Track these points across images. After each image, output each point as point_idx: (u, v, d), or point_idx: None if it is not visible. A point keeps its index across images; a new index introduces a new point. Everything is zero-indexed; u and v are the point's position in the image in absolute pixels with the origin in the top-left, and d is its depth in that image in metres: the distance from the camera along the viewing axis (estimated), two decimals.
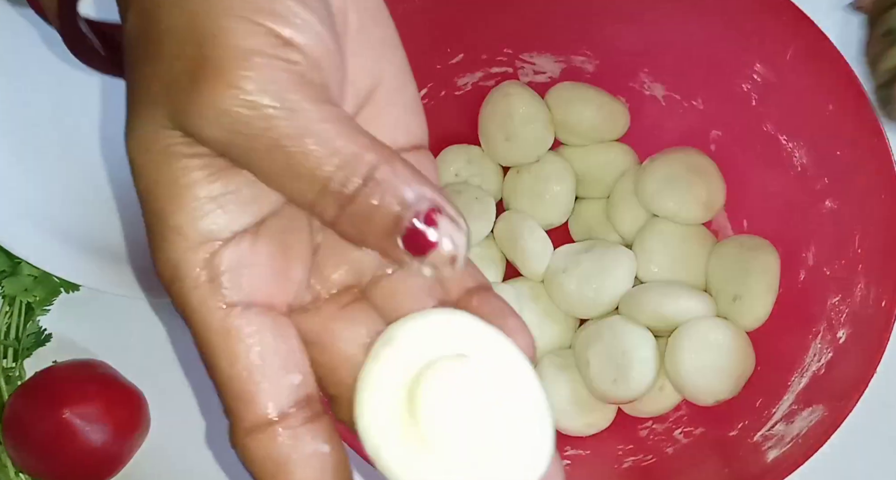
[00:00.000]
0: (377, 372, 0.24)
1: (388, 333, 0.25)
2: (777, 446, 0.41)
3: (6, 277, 0.49)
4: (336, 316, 0.25)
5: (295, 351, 0.24)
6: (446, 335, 0.25)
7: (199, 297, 0.23)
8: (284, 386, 0.23)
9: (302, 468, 0.23)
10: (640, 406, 0.46)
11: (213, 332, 0.24)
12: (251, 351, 0.23)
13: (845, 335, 0.41)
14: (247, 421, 0.24)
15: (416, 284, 0.26)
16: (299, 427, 0.23)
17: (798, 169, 0.45)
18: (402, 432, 0.23)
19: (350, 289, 0.26)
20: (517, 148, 0.48)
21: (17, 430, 0.46)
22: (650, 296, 0.45)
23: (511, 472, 0.24)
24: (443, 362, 0.24)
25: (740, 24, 0.43)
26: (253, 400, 0.23)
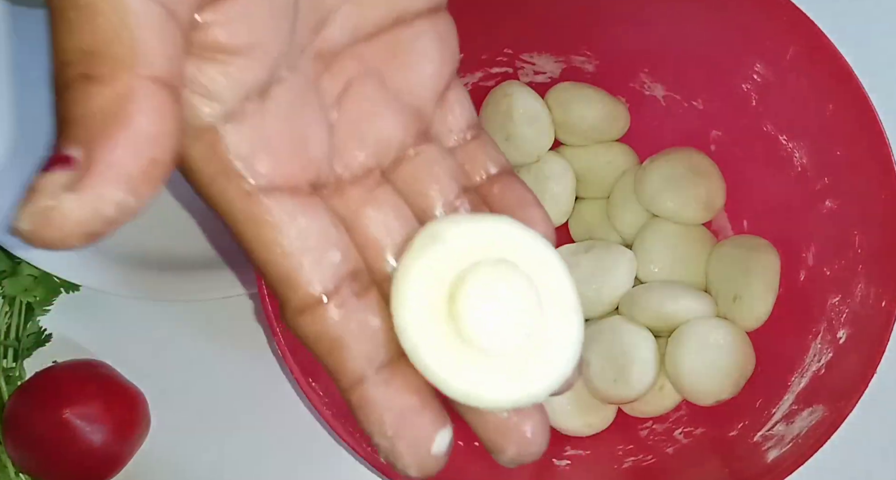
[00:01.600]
0: (419, 269, 0.24)
1: (433, 230, 0.25)
2: (777, 446, 0.41)
3: (6, 277, 0.49)
4: (363, 200, 0.25)
5: (329, 229, 0.24)
6: (490, 239, 0.25)
7: (217, 190, 0.23)
8: (326, 265, 0.23)
9: (355, 342, 0.24)
10: (640, 407, 0.46)
11: (240, 222, 0.23)
12: (284, 235, 0.23)
13: (845, 335, 0.41)
14: (294, 302, 0.23)
15: (440, 168, 0.26)
16: (348, 302, 0.24)
17: (798, 169, 0.45)
18: (441, 331, 0.24)
19: (372, 172, 0.26)
20: (517, 148, 0.48)
21: (17, 430, 0.46)
22: (650, 296, 0.45)
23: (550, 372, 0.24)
24: (486, 265, 0.24)
25: (740, 24, 0.43)
26: (296, 281, 0.23)
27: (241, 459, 0.50)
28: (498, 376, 0.24)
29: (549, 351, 0.24)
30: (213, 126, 0.22)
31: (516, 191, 0.27)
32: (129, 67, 0.19)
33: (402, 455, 0.24)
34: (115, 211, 0.19)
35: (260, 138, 0.23)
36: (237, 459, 0.50)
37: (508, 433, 0.25)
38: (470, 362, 0.24)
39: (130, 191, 0.19)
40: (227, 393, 0.51)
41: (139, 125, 0.19)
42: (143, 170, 0.19)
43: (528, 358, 0.24)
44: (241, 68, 0.22)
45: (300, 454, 0.50)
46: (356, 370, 0.24)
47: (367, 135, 0.26)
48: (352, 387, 0.24)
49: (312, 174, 0.24)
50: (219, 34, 0.22)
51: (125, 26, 0.19)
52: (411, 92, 0.27)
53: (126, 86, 0.19)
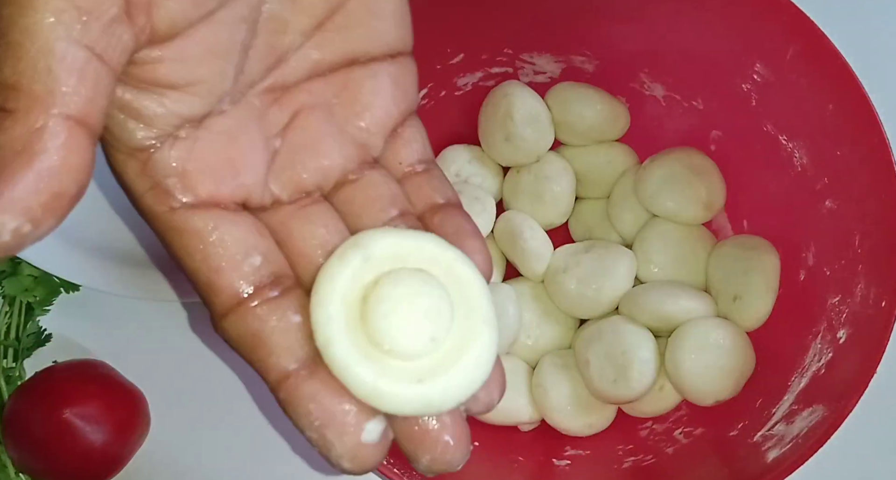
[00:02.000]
0: (339, 270, 0.25)
1: (358, 238, 0.26)
2: (777, 446, 0.41)
3: (6, 277, 0.49)
4: (295, 215, 0.26)
5: (250, 235, 0.25)
6: (413, 251, 0.26)
7: (147, 203, 0.25)
8: (246, 268, 0.25)
9: (277, 337, 0.24)
10: (640, 406, 0.46)
11: (167, 232, 0.25)
12: (204, 243, 0.24)
13: (845, 335, 0.41)
14: (218, 306, 0.25)
15: (380, 193, 0.27)
16: (268, 301, 0.25)
17: (798, 169, 0.45)
18: (353, 332, 0.24)
19: (311, 195, 0.27)
20: (517, 148, 0.48)
21: (17, 430, 0.46)
22: (650, 296, 0.45)
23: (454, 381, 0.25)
24: (402, 271, 0.25)
25: (740, 24, 0.43)
26: (217, 285, 0.25)
27: (241, 459, 0.50)
28: (402, 380, 0.24)
29: (459, 362, 0.25)
30: (145, 146, 0.24)
31: (456, 221, 0.28)
32: (44, 105, 0.20)
33: (333, 444, 0.24)
34: (12, 237, 0.20)
35: (190, 161, 0.24)
36: (237, 459, 0.50)
37: (423, 441, 0.25)
38: (376, 364, 0.24)
39: (30, 220, 0.20)
40: (227, 393, 0.51)
41: (44, 161, 0.20)
42: (43, 202, 0.20)
43: (435, 367, 0.25)
44: (177, 101, 0.24)
45: (300, 454, 0.50)
46: (280, 365, 0.24)
47: (308, 160, 0.27)
48: (278, 383, 0.24)
49: (241, 197, 0.25)
50: (158, 71, 0.23)
51: (46, 66, 0.20)
52: (358, 126, 0.28)
53: (38, 123, 0.20)
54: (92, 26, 0.21)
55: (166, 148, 0.24)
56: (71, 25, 0.20)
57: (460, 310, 0.25)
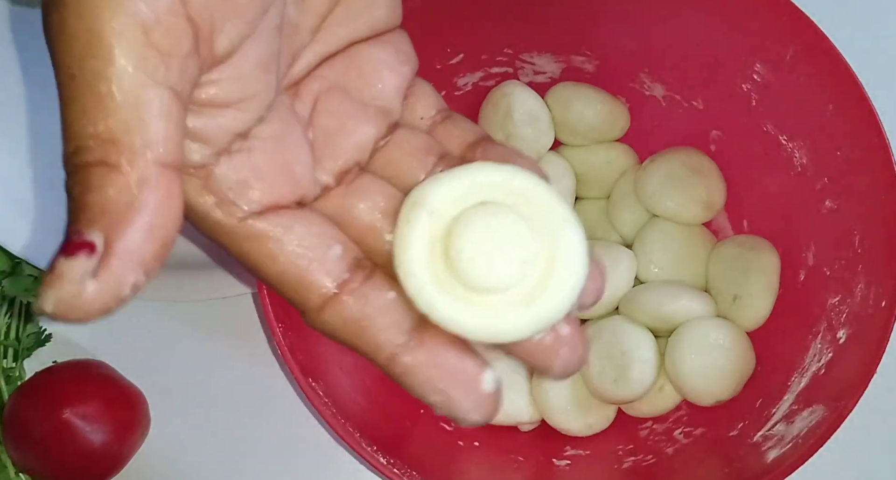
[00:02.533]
0: (410, 234, 0.25)
1: (414, 196, 0.26)
2: (777, 446, 0.41)
3: (6, 277, 0.49)
4: (347, 193, 0.27)
5: (323, 227, 0.25)
6: (469, 187, 0.26)
7: (214, 220, 0.24)
8: (330, 260, 0.25)
9: (380, 317, 0.25)
10: (640, 407, 0.46)
11: (241, 243, 0.25)
12: (285, 245, 0.25)
13: (845, 335, 0.41)
14: (313, 302, 0.25)
15: (413, 146, 0.28)
16: (360, 287, 0.25)
17: (798, 169, 0.45)
18: (448, 284, 0.25)
19: (351, 170, 0.27)
20: (517, 148, 0.48)
21: (17, 430, 0.46)
22: (650, 296, 0.45)
23: (559, 293, 0.25)
24: (468, 211, 0.25)
25: (740, 24, 0.43)
26: (309, 283, 0.25)
27: (241, 459, 0.50)
28: (513, 309, 0.25)
29: (555, 271, 0.25)
30: (203, 164, 0.24)
31: (497, 149, 0.28)
32: (143, 156, 0.21)
33: (459, 402, 0.25)
34: (131, 291, 0.21)
35: (248, 170, 0.24)
36: (237, 459, 0.50)
37: (552, 352, 0.26)
38: (483, 307, 0.25)
39: (145, 272, 0.21)
40: (227, 393, 0.51)
41: (152, 211, 0.21)
42: (155, 252, 0.21)
43: (537, 285, 0.25)
44: (231, 118, 0.24)
45: (300, 454, 0.50)
46: (388, 341, 0.25)
47: (342, 142, 0.27)
48: (391, 359, 0.25)
49: (299, 194, 0.26)
50: (213, 93, 0.23)
51: (140, 116, 0.21)
52: (375, 96, 0.28)
53: (141, 175, 0.21)
54: (171, 67, 0.21)
55: (224, 161, 0.24)
56: (155, 70, 0.21)
57: (536, 222, 0.25)
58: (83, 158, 0.21)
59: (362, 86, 0.28)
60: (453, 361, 0.25)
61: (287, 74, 0.27)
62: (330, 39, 0.28)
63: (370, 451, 0.39)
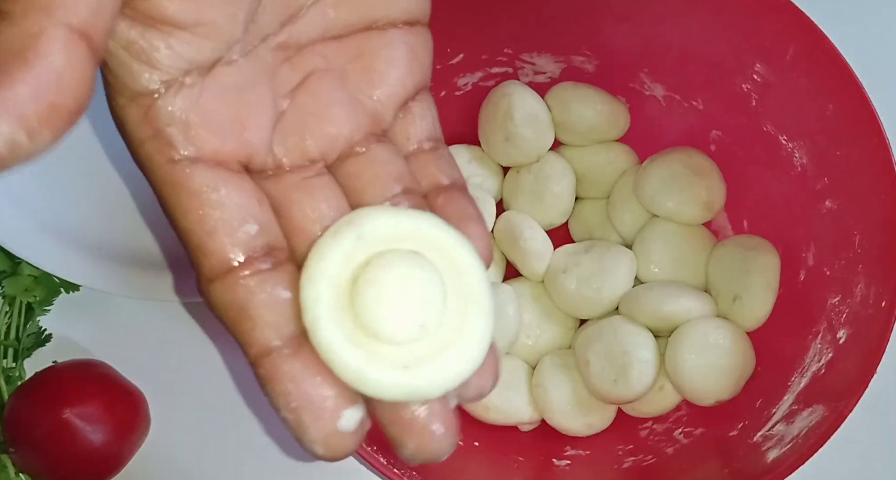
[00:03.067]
0: (331, 248, 0.24)
1: (353, 216, 0.25)
2: (777, 446, 0.41)
3: (6, 277, 0.49)
4: (297, 186, 0.25)
5: (250, 202, 0.24)
6: (409, 231, 0.25)
7: (145, 153, 0.23)
8: (241, 235, 0.24)
9: (263, 312, 0.24)
10: (640, 407, 0.46)
11: (163, 186, 0.24)
12: (202, 203, 0.23)
13: (845, 335, 0.41)
14: (206, 269, 0.24)
15: (386, 169, 0.26)
16: (259, 273, 0.24)
17: (798, 169, 0.45)
18: (342, 313, 0.24)
19: (315, 163, 0.26)
20: (517, 148, 0.48)
21: (17, 430, 0.46)
22: (650, 296, 0.45)
23: (442, 370, 0.24)
24: (395, 253, 0.24)
25: (740, 24, 0.43)
26: (209, 248, 0.24)
27: (241, 459, 0.50)
28: (389, 365, 0.24)
29: (448, 350, 0.24)
30: (149, 91, 0.23)
31: (460, 204, 0.27)
32: (46, 10, 0.19)
33: (307, 428, 0.24)
34: (6, 147, 0.19)
35: (195, 111, 0.23)
36: (237, 459, 0.50)
37: (410, 428, 0.24)
38: (363, 347, 0.24)
39: (25, 130, 0.19)
40: (227, 393, 0.51)
41: (42, 67, 0.19)
42: (40, 112, 0.19)
43: (423, 354, 0.24)
44: (185, 43, 0.23)
45: (300, 453, 0.50)
46: (263, 340, 0.24)
47: (315, 126, 0.26)
48: (259, 359, 0.24)
49: (244, 155, 0.24)
50: (166, 6, 0.22)
51: None
52: (370, 95, 0.27)
53: (37, 28, 0.19)
54: None
55: (171, 94, 0.23)
56: None
57: (455, 296, 0.24)
58: None
59: (362, 81, 0.27)
60: (317, 386, 0.23)
61: (283, 30, 0.25)
62: (343, 6, 0.26)
63: (370, 451, 0.39)
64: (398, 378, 0.23)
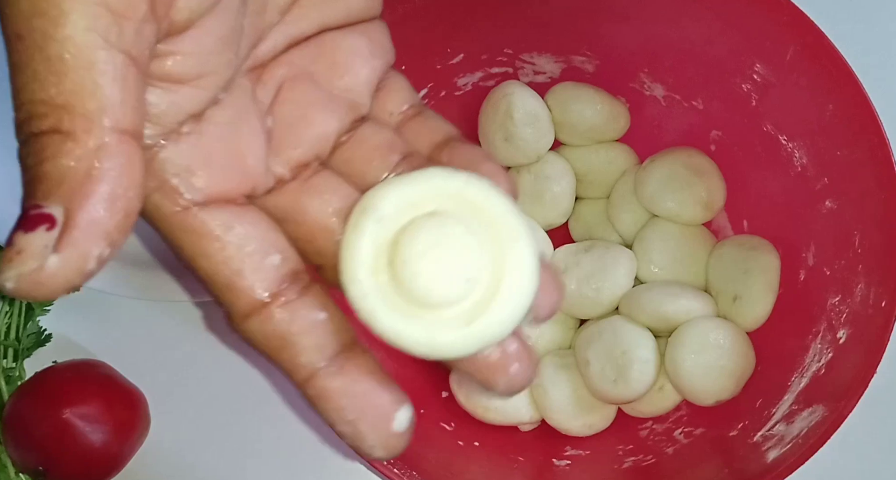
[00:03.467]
0: (357, 240, 0.24)
1: (365, 201, 0.25)
2: (777, 446, 0.41)
3: None
4: (302, 190, 0.26)
5: (267, 233, 0.24)
6: (422, 193, 0.25)
7: (151, 206, 0.23)
8: (266, 268, 0.24)
9: (304, 337, 0.24)
10: (640, 407, 0.46)
11: (178, 235, 0.24)
12: (222, 245, 0.23)
13: (845, 335, 0.41)
14: (239, 308, 0.24)
15: (376, 143, 0.27)
16: (292, 302, 0.24)
17: (798, 169, 0.45)
18: (391, 295, 0.24)
19: (310, 164, 0.26)
20: (517, 148, 0.48)
21: (17, 430, 0.46)
22: (650, 296, 0.45)
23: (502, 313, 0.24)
24: (417, 221, 0.24)
25: (740, 24, 0.43)
26: (239, 287, 0.24)
27: (240, 459, 0.50)
28: (454, 326, 0.24)
29: (499, 290, 0.24)
30: (149, 146, 0.23)
31: (464, 152, 0.27)
32: (98, 122, 0.19)
33: (366, 436, 0.24)
34: (96, 264, 0.20)
35: (196, 156, 0.23)
36: (237, 459, 0.50)
37: (495, 369, 0.25)
38: (424, 320, 0.24)
39: (108, 244, 0.20)
40: (226, 393, 0.51)
41: (112, 181, 0.20)
42: (118, 223, 0.20)
43: (479, 303, 0.24)
44: (184, 96, 0.23)
45: (300, 453, 0.50)
46: (308, 363, 0.24)
47: (303, 133, 0.26)
48: (307, 381, 0.24)
49: (249, 186, 0.25)
50: (168, 65, 0.22)
51: (92, 82, 0.19)
52: (343, 87, 0.27)
53: (98, 142, 0.19)
54: (126, 29, 0.20)
55: (171, 145, 0.23)
56: (108, 31, 0.20)
57: (486, 235, 0.25)
58: (36, 126, 0.19)
59: (331, 76, 0.27)
60: (368, 394, 0.24)
61: (251, 55, 0.26)
62: (300, 22, 0.27)
63: None
64: (467, 334, 0.24)
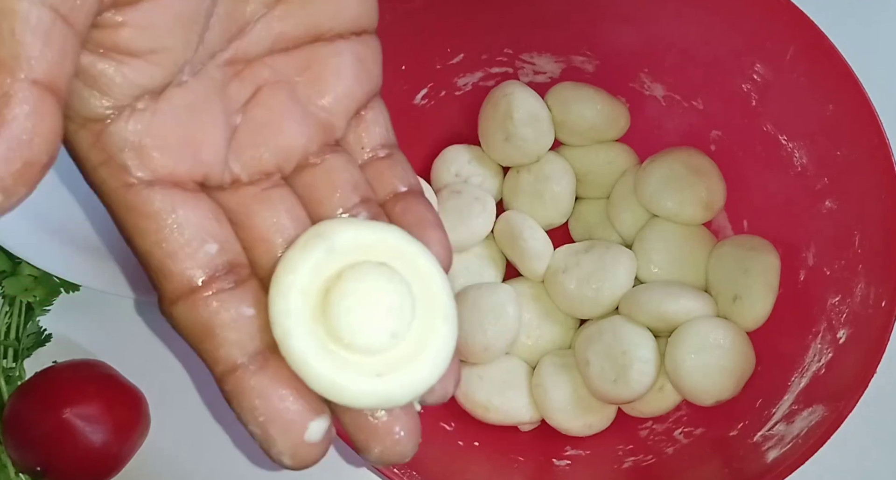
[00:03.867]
0: (301, 261, 0.24)
1: (321, 228, 0.25)
2: (777, 446, 0.41)
3: (6, 277, 0.49)
4: (256, 197, 0.26)
5: (208, 221, 0.24)
6: (376, 243, 0.25)
7: (99, 178, 0.23)
8: (201, 256, 0.24)
9: (227, 330, 0.24)
10: (640, 407, 0.46)
11: (120, 211, 0.24)
12: (160, 226, 0.23)
13: (845, 335, 0.41)
14: (168, 292, 0.24)
15: (343, 179, 0.27)
16: (222, 292, 0.24)
17: (798, 169, 0.45)
18: (313, 324, 0.24)
19: (272, 176, 0.26)
20: (517, 148, 0.48)
21: (17, 430, 0.46)
22: (650, 296, 0.45)
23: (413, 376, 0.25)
24: (365, 265, 0.25)
25: (740, 24, 0.43)
26: (170, 270, 0.24)
27: (241, 459, 0.50)
28: (360, 374, 0.24)
29: (418, 357, 0.25)
30: (100, 117, 0.23)
31: (418, 210, 0.28)
32: (10, 70, 0.19)
33: (275, 441, 0.24)
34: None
35: (148, 134, 0.23)
36: (237, 458, 0.50)
37: (375, 432, 0.25)
38: (335, 357, 0.24)
39: (2, 191, 0.19)
40: None
41: (14, 129, 0.19)
42: (14, 172, 0.19)
43: (394, 361, 0.25)
44: (137, 70, 0.23)
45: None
46: (228, 358, 0.24)
47: (269, 139, 0.26)
48: (225, 376, 0.24)
49: (200, 174, 0.25)
50: (120, 36, 0.22)
51: (10, 29, 0.19)
52: (321, 106, 0.27)
53: (4, 90, 0.19)
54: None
55: (122, 119, 0.23)
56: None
57: (421, 305, 0.25)
58: None
59: (312, 92, 0.27)
60: (283, 400, 0.24)
61: (230, 46, 0.26)
62: (289, 19, 0.26)
63: None
64: (371, 386, 0.24)
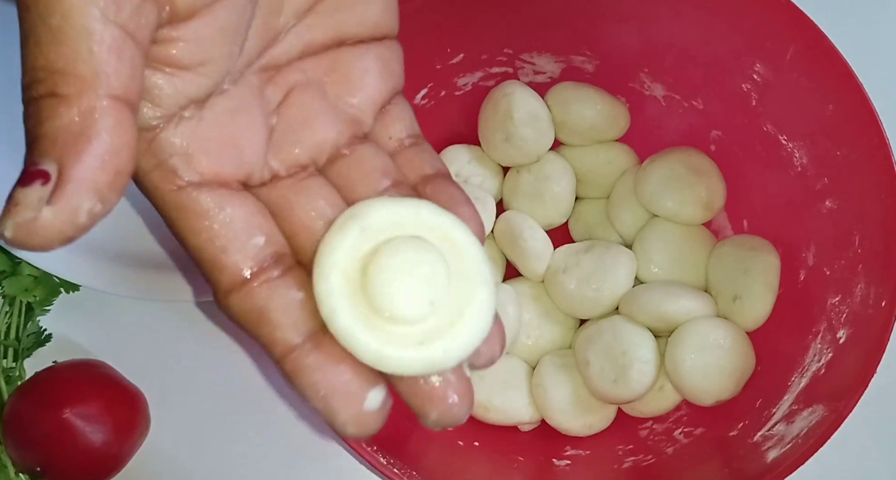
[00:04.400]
0: (338, 242, 0.26)
1: (355, 209, 0.27)
2: (777, 446, 0.41)
3: (6, 277, 0.49)
4: (294, 188, 0.27)
5: (254, 216, 0.26)
6: (409, 219, 0.27)
7: (151, 182, 0.25)
8: (249, 248, 0.26)
9: (281, 314, 0.26)
10: (640, 407, 0.46)
11: (171, 211, 0.25)
12: (210, 223, 0.25)
13: (845, 335, 0.41)
14: (222, 284, 0.26)
15: (373, 165, 0.29)
16: (272, 280, 0.26)
17: (798, 169, 0.45)
18: (356, 300, 0.26)
19: (307, 168, 0.28)
20: (517, 148, 0.48)
21: (17, 430, 0.46)
22: (650, 296, 0.45)
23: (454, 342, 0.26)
24: (399, 239, 0.26)
25: (740, 24, 0.43)
26: (223, 264, 0.26)
27: (241, 458, 0.50)
28: (405, 343, 0.25)
29: (458, 322, 0.26)
30: (151, 126, 0.25)
31: (449, 189, 0.29)
32: (92, 87, 0.21)
33: (338, 412, 0.25)
34: (87, 218, 0.21)
35: (194, 140, 0.25)
36: (237, 458, 0.50)
37: (430, 398, 0.26)
38: (379, 330, 0.25)
39: (100, 199, 0.21)
40: (227, 393, 0.51)
41: (103, 141, 0.21)
42: (109, 180, 0.22)
43: (435, 329, 0.26)
44: (187, 81, 0.24)
45: (300, 454, 0.50)
46: (285, 339, 0.25)
47: (303, 136, 0.28)
48: (284, 357, 0.26)
49: (243, 174, 0.26)
50: (172, 51, 0.24)
51: (89, 48, 0.21)
52: (349, 103, 0.29)
53: (90, 105, 0.21)
54: (124, 6, 0.22)
55: (171, 127, 0.25)
56: (106, 7, 0.21)
57: (457, 274, 0.26)
58: (36, 90, 0.21)
59: (340, 91, 0.29)
60: (341, 372, 0.25)
61: (264, 54, 0.27)
62: (318, 28, 0.28)
63: (370, 451, 0.39)
64: (415, 353, 0.25)
